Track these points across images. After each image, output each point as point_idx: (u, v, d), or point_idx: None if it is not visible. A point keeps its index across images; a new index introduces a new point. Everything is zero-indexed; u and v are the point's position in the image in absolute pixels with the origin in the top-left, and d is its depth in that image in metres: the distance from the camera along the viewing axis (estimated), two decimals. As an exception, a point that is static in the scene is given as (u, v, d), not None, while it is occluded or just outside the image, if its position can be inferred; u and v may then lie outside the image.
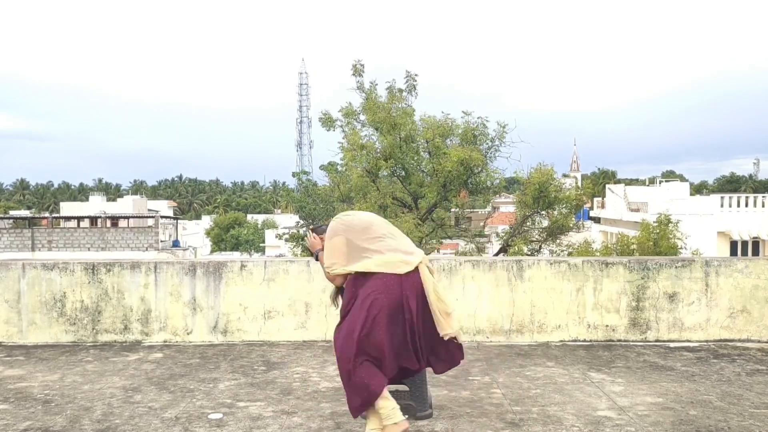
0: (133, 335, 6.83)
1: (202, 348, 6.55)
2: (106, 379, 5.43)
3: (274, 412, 4.58)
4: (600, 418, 4.43)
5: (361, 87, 20.35)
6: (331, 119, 20.47)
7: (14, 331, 6.86)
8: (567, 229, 20.90)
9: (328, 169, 23.06)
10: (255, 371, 5.65)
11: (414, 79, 20.27)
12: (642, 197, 33.21)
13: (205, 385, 5.22)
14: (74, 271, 6.86)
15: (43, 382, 5.38)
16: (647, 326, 6.72)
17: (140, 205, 55.47)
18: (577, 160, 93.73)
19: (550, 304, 6.73)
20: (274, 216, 75.96)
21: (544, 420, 4.38)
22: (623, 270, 6.75)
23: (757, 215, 27.79)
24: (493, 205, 38.68)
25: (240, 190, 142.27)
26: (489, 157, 19.73)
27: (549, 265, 6.79)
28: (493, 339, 6.74)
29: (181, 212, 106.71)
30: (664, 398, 4.84)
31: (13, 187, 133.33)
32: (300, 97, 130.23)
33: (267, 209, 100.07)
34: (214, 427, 4.30)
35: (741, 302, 6.73)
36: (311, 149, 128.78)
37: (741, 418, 4.42)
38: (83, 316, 6.84)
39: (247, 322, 6.79)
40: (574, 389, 5.07)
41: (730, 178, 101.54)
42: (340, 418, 4.45)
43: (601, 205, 37.68)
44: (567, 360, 5.99)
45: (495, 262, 6.92)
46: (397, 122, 19.11)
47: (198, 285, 6.82)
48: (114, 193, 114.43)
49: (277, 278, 6.80)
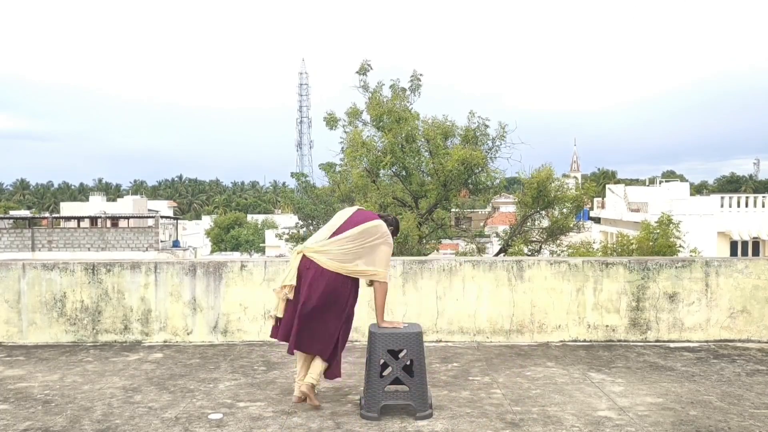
0: (133, 335, 6.83)
1: (202, 348, 6.55)
2: (106, 379, 5.43)
3: (274, 412, 4.58)
4: (600, 418, 4.43)
5: (366, 86, 20.35)
6: (335, 119, 20.49)
7: (14, 331, 6.86)
8: (567, 229, 20.89)
9: (327, 169, 23.03)
10: (255, 371, 5.65)
11: (419, 79, 20.29)
12: (642, 197, 33.21)
13: (205, 385, 5.22)
14: (74, 271, 6.86)
15: (43, 382, 5.38)
16: (647, 326, 6.72)
17: (140, 206, 55.45)
18: (577, 160, 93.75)
19: (551, 304, 6.73)
20: (273, 216, 75.91)
21: (544, 420, 4.38)
22: (623, 270, 6.75)
23: (757, 215, 27.78)
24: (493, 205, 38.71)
25: (240, 190, 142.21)
26: (490, 157, 19.73)
27: (549, 266, 6.79)
28: (493, 339, 6.74)
29: (181, 212, 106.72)
30: (664, 398, 4.84)
31: (13, 187, 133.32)
32: (300, 97, 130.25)
33: (267, 209, 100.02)
34: (214, 427, 4.30)
35: (741, 302, 6.73)
36: (311, 149, 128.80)
37: (741, 418, 4.42)
38: (83, 316, 6.84)
39: (247, 322, 6.79)
40: (574, 389, 5.07)
41: (730, 178, 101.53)
42: (340, 418, 4.45)
43: (601, 206, 37.66)
44: (567, 360, 5.99)
45: (495, 262, 6.92)
46: (402, 116, 19.11)
47: (198, 285, 6.82)
48: (114, 193, 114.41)
49: (277, 278, 6.79)
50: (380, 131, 19.67)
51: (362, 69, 20.34)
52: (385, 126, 19.32)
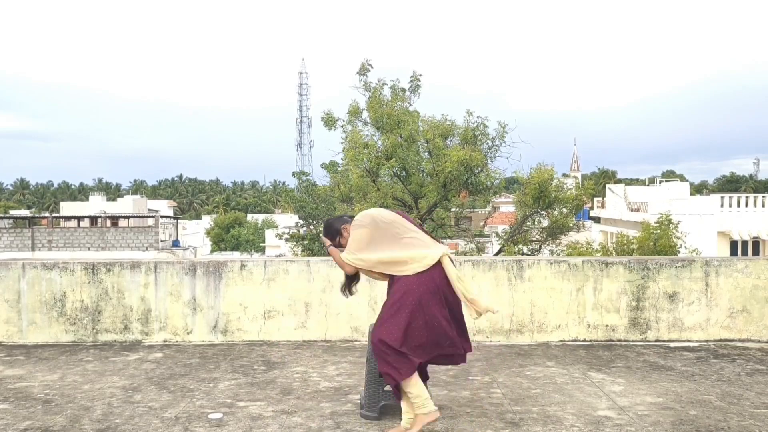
0: (133, 335, 6.83)
1: (202, 348, 6.55)
2: (106, 379, 5.43)
3: (274, 411, 4.58)
4: (600, 418, 4.43)
5: (367, 86, 20.32)
6: (333, 119, 20.45)
7: (14, 330, 6.86)
8: (567, 229, 20.88)
9: (329, 169, 22.99)
10: (255, 371, 5.65)
11: (418, 80, 20.26)
12: (642, 197, 33.19)
13: (205, 385, 5.22)
14: (74, 270, 6.86)
15: (43, 381, 5.38)
16: (647, 326, 6.72)
17: (140, 205, 55.47)
18: (577, 160, 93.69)
19: (550, 303, 6.73)
20: (273, 216, 75.89)
21: (544, 420, 4.38)
22: (623, 270, 6.75)
23: (757, 215, 27.78)
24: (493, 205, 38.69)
25: (240, 189, 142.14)
26: (489, 157, 19.70)
27: (549, 265, 6.79)
28: (493, 339, 6.74)
29: (181, 212, 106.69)
30: (664, 398, 4.84)
31: (14, 186, 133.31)
32: (300, 97, 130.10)
33: (267, 209, 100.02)
34: (214, 426, 4.30)
35: (741, 302, 6.73)
36: (311, 149, 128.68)
37: (741, 418, 4.42)
38: (83, 315, 6.84)
39: (247, 321, 6.79)
40: (574, 389, 5.07)
41: (730, 178, 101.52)
42: (340, 418, 4.45)
43: (601, 205, 37.66)
44: (567, 360, 5.99)
45: (495, 261, 6.92)
46: (401, 119, 19.09)
47: (198, 285, 6.82)
48: (114, 192, 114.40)
49: (277, 278, 6.80)
50: (379, 131, 19.65)
51: (363, 69, 20.31)
52: (384, 127, 19.31)
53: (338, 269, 6.77)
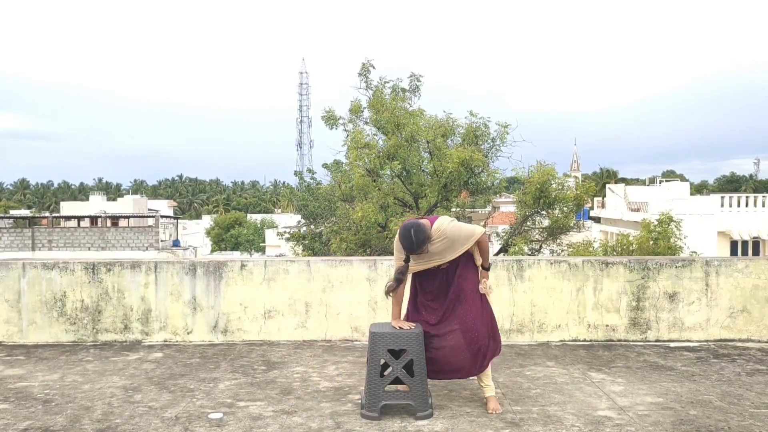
0: (134, 335, 6.83)
1: (202, 348, 6.55)
2: (106, 379, 5.43)
3: (274, 411, 4.58)
4: (600, 418, 4.43)
5: (369, 84, 20.30)
6: (334, 117, 20.44)
7: (14, 330, 6.86)
8: (567, 228, 20.86)
9: (332, 168, 22.97)
10: (255, 371, 5.65)
11: (419, 80, 20.24)
12: (642, 197, 33.17)
13: (205, 385, 5.22)
14: (74, 270, 6.86)
15: (43, 381, 5.38)
16: (647, 326, 6.72)
17: (140, 205, 55.45)
18: (577, 159, 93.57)
19: (550, 303, 6.73)
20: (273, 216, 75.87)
21: (544, 420, 4.38)
22: (623, 270, 6.75)
23: (758, 215, 27.78)
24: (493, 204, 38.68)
25: (240, 189, 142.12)
26: (490, 157, 19.70)
27: (549, 265, 6.79)
28: (493, 339, 6.73)
29: (182, 212, 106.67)
30: (664, 398, 4.84)
31: (14, 186, 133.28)
32: (300, 96, 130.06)
33: (267, 209, 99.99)
34: (214, 426, 4.30)
35: (741, 302, 6.73)
36: (311, 149, 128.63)
37: (741, 418, 4.42)
38: (83, 315, 6.84)
39: (247, 321, 6.79)
40: (574, 389, 5.07)
41: (731, 177, 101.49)
42: (340, 417, 4.45)
43: (601, 205, 37.65)
44: (567, 360, 5.99)
45: (495, 261, 6.91)
46: (401, 122, 19.08)
47: (198, 284, 6.82)
48: (114, 192, 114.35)
49: (277, 278, 6.80)
50: (380, 131, 19.64)
51: (364, 69, 20.29)
52: (385, 128, 19.30)
53: (338, 269, 6.79)
